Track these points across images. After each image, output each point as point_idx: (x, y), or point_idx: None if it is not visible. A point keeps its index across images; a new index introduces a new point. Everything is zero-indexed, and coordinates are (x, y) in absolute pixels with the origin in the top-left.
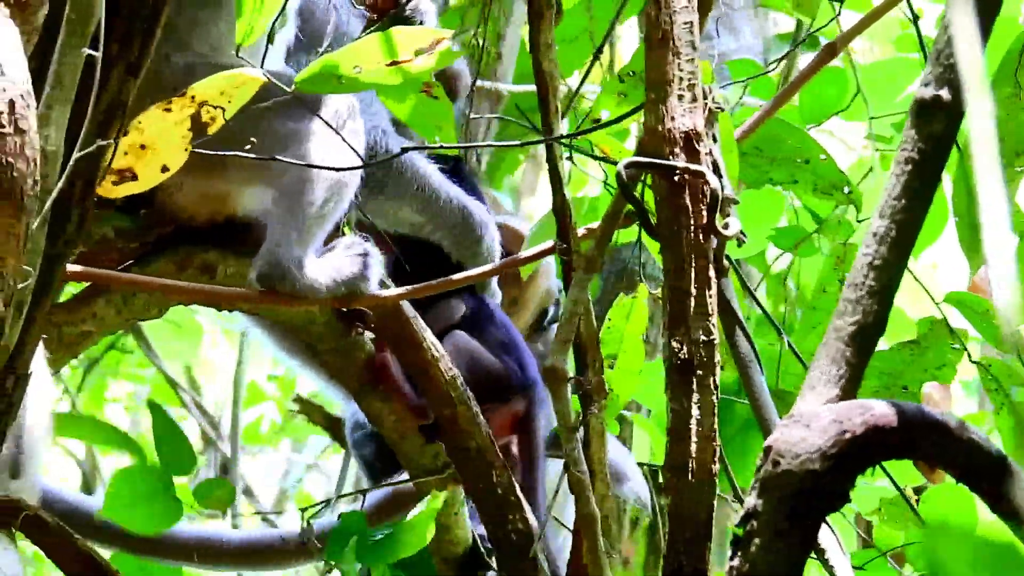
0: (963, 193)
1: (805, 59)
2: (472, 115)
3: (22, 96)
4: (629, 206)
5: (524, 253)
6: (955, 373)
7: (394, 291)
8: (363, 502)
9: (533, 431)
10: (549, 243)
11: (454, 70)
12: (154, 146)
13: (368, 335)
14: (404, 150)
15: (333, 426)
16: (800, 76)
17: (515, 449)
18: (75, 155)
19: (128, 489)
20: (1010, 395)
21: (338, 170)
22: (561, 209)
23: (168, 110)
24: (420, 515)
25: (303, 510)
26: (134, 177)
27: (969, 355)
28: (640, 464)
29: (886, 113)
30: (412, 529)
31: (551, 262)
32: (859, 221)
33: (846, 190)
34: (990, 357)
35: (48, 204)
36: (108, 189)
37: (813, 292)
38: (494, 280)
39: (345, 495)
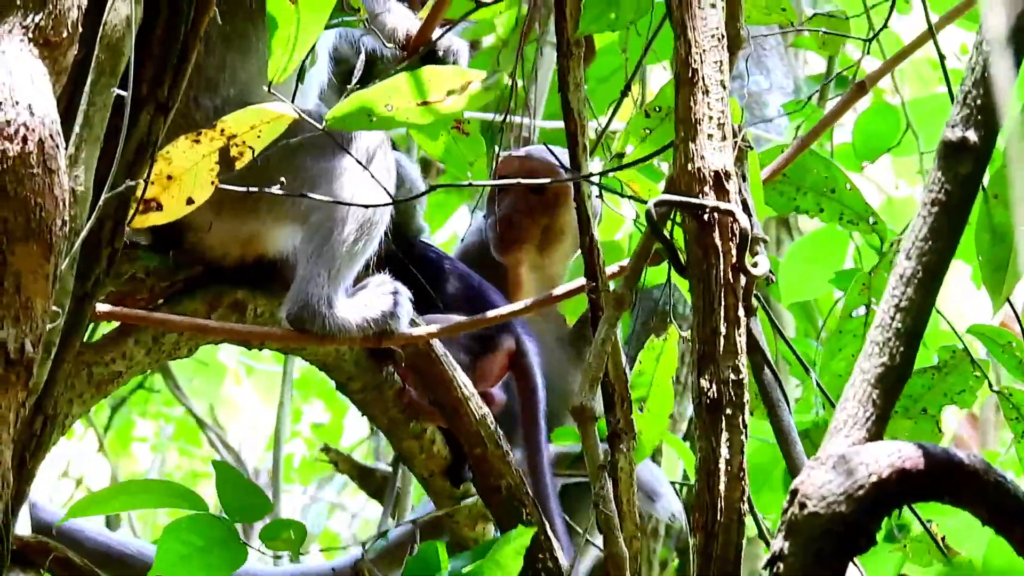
0: (987, 235)
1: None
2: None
3: (51, 136)
4: (659, 244)
5: (556, 291)
6: (975, 399)
7: (424, 329)
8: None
9: (527, 362)
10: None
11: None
12: (181, 178)
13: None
14: (432, 188)
15: (362, 475)
16: (831, 113)
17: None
18: (104, 195)
19: (183, 540)
20: None
21: (367, 207)
22: (589, 248)
23: (197, 142)
24: (506, 551)
25: (363, 544)
26: (159, 207)
27: (990, 383)
28: (672, 483)
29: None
30: (497, 566)
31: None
32: (882, 252)
33: (871, 221)
34: (1011, 387)
35: (77, 244)
36: (135, 219)
37: (840, 317)
38: (419, 217)
39: (401, 524)
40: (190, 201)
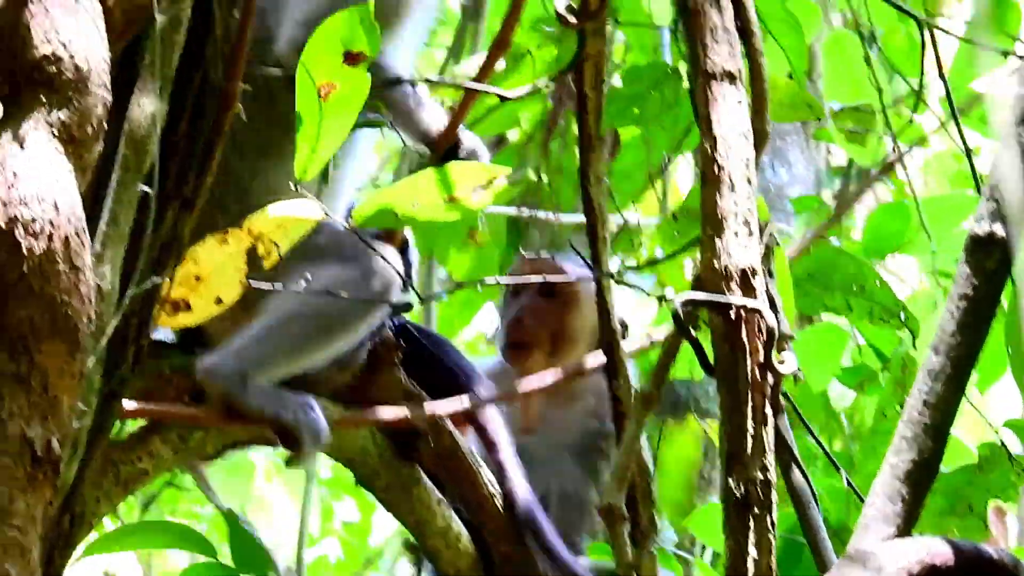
0: (1016, 325)
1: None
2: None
3: (76, 233)
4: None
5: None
6: (1019, 495)
7: (446, 405)
8: None
9: (483, 417)
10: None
11: None
12: (209, 278)
13: None
14: (458, 285)
15: None
16: (856, 191)
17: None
18: (130, 292)
19: None
20: None
21: (389, 306)
22: (610, 344)
23: (224, 242)
24: None
25: None
26: (188, 308)
27: None
28: None
29: (948, 249)
30: None
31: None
32: (915, 347)
33: (902, 316)
34: None
35: (103, 342)
36: (162, 319)
37: (875, 416)
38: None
39: None
40: (219, 301)
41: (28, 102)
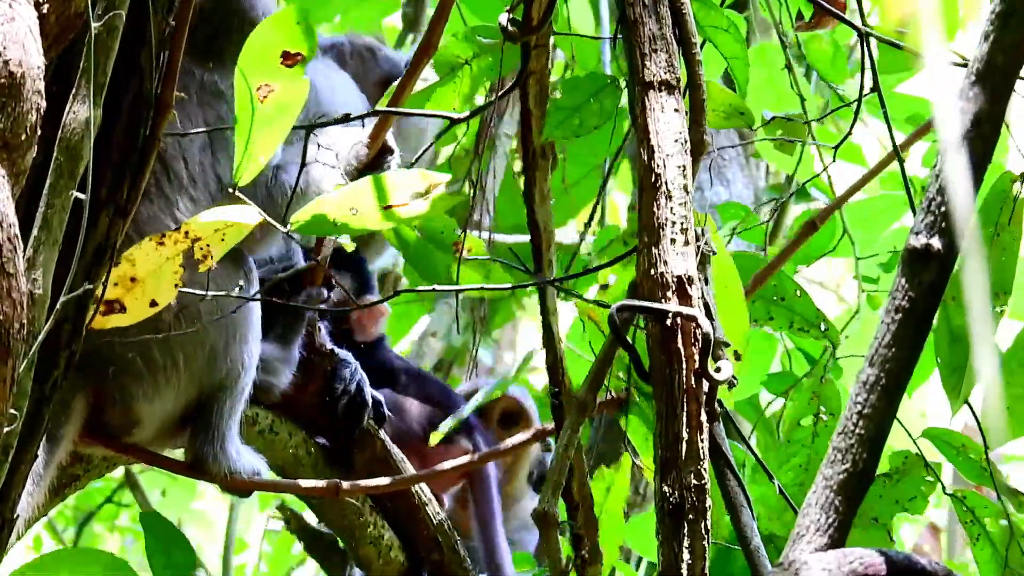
0: (946, 337)
1: (796, 208)
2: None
3: (9, 239)
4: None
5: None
6: (927, 505)
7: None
8: None
9: (484, 470)
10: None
11: None
12: (144, 280)
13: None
14: (395, 293)
15: (312, 538)
16: (788, 248)
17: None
18: (62, 298)
19: None
20: (985, 526)
21: None
22: (553, 363)
23: (161, 244)
24: None
25: None
26: (122, 309)
27: (943, 487)
28: None
29: (872, 254)
30: None
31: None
32: (836, 359)
33: (822, 327)
34: (965, 489)
35: (35, 347)
36: (96, 320)
37: (787, 426)
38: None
39: None
40: (153, 304)
41: None
